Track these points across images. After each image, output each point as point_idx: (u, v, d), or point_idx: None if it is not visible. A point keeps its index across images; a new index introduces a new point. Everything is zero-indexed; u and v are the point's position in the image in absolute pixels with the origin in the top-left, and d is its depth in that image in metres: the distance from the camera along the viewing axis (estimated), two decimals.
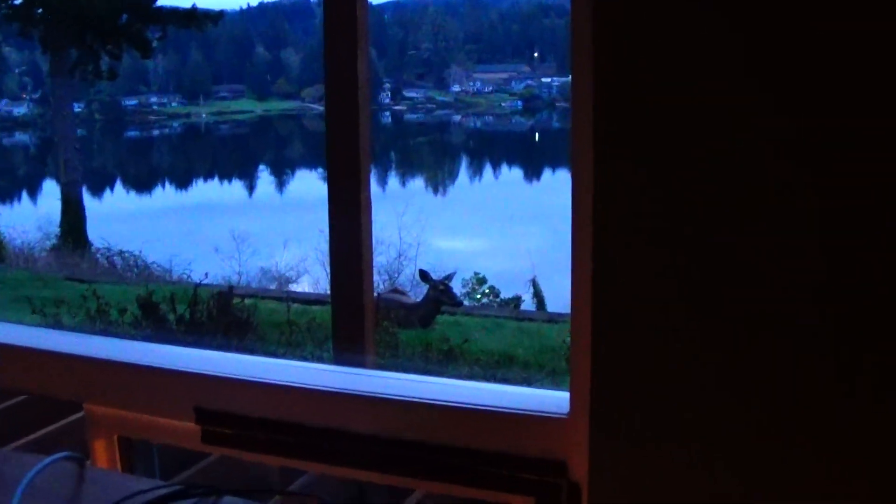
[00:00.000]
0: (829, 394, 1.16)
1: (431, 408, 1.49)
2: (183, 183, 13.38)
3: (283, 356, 5.39)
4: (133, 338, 1.87)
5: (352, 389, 1.56)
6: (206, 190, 13.03)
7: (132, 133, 14.00)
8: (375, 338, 2.49)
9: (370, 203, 2.10)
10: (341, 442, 1.56)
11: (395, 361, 5.56)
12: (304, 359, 5.28)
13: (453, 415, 1.47)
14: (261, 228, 10.48)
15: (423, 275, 7.28)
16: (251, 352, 1.92)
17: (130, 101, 13.39)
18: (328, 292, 8.72)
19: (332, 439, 1.56)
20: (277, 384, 1.62)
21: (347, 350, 2.09)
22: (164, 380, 1.71)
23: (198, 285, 6.51)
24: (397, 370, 1.63)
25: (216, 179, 13.63)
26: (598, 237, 1.29)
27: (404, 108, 13.92)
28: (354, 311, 2.10)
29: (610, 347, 1.29)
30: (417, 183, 13.10)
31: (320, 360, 5.08)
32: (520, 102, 13.85)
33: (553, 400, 1.46)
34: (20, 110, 12.81)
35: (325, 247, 8.81)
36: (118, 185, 13.27)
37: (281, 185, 13.17)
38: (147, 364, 1.73)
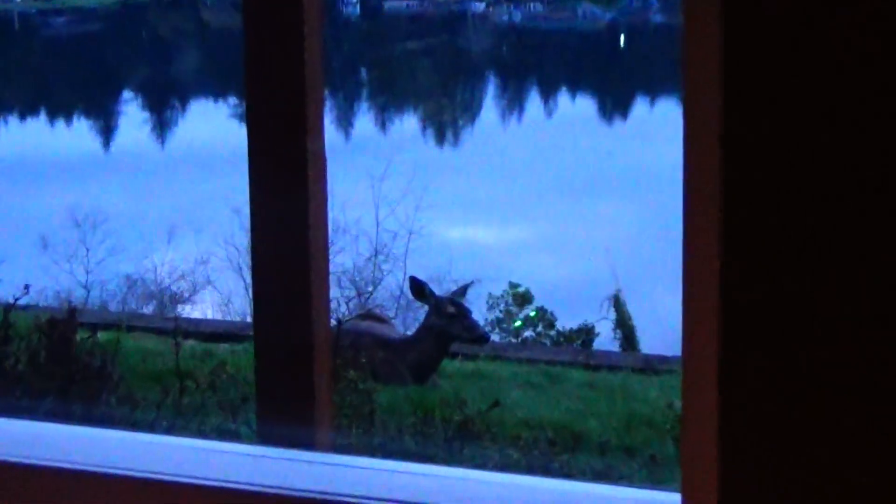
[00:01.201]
0: None
1: None
2: None
3: (169, 432, 5.39)
4: None
5: (294, 489, 1.59)
6: (25, 135, 13.05)
7: None
8: (333, 400, 2.52)
9: (325, 161, 2.13)
10: None
11: (369, 441, 5.56)
12: (205, 436, 5.27)
13: None
14: (127, 206, 10.47)
15: (418, 288, 7.29)
16: (110, 424, 1.95)
17: None
18: (249, 320, 8.68)
19: None
20: (157, 479, 1.64)
21: (281, 421, 2.13)
22: None
23: (10, 307, 6.53)
24: (375, 455, 1.66)
25: (42, 117, 13.66)
26: (730, 224, 1.36)
27: None
28: (295, 354, 2.13)
29: (752, 419, 1.36)
30: (408, 125, 13.08)
31: (234, 437, 5.07)
32: None
33: None
34: None
35: (244, 239, 8.80)
36: None
37: (162, 126, 13.17)
38: None
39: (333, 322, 6.78)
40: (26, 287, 6.85)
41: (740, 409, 1.37)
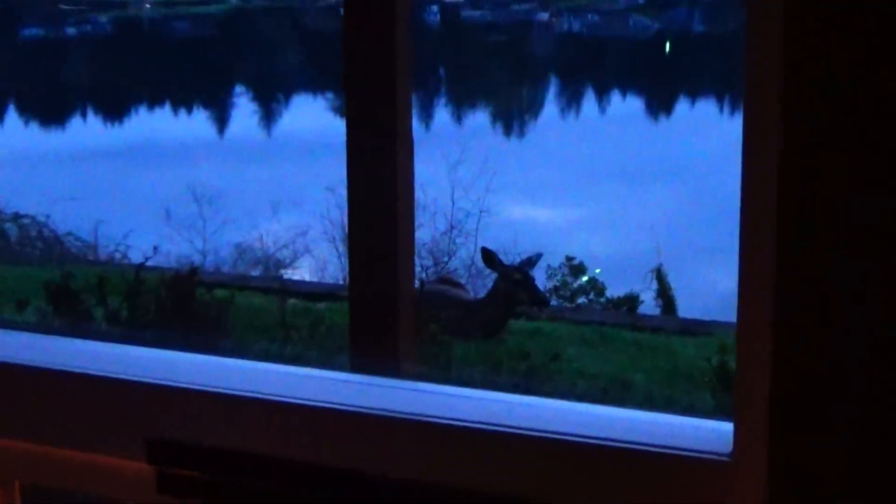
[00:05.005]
0: None
1: (515, 440, 1.49)
2: (115, 111, 13.51)
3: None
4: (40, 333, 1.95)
5: (390, 410, 1.56)
6: (152, 123, 13.15)
7: (31, 31, 14.10)
8: (416, 349, 2.58)
9: (411, 141, 2.15)
10: (373, 495, 1.55)
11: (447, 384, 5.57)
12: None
13: (550, 451, 1.48)
14: (237, 184, 10.56)
15: (489, 257, 7.31)
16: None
17: None
18: (342, 282, 8.81)
19: (358, 490, 1.55)
20: (277, 401, 1.62)
21: (373, 362, 2.13)
22: (97, 394, 1.69)
23: (141, 266, 6.58)
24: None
25: (167, 107, 13.75)
26: (785, 207, 1.27)
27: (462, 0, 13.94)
28: (384, 308, 2.15)
29: (808, 340, 1.29)
30: (480, 118, 13.11)
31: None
32: None
33: (706, 433, 1.45)
34: None
35: (337, 213, 8.91)
36: (10, 113, 13.43)
37: (269, 117, 13.26)
38: (65, 368, 1.70)
39: (417, 284, 6.86)
40: (154, 249, 6.92)
41: (796, 335, 1.29)
